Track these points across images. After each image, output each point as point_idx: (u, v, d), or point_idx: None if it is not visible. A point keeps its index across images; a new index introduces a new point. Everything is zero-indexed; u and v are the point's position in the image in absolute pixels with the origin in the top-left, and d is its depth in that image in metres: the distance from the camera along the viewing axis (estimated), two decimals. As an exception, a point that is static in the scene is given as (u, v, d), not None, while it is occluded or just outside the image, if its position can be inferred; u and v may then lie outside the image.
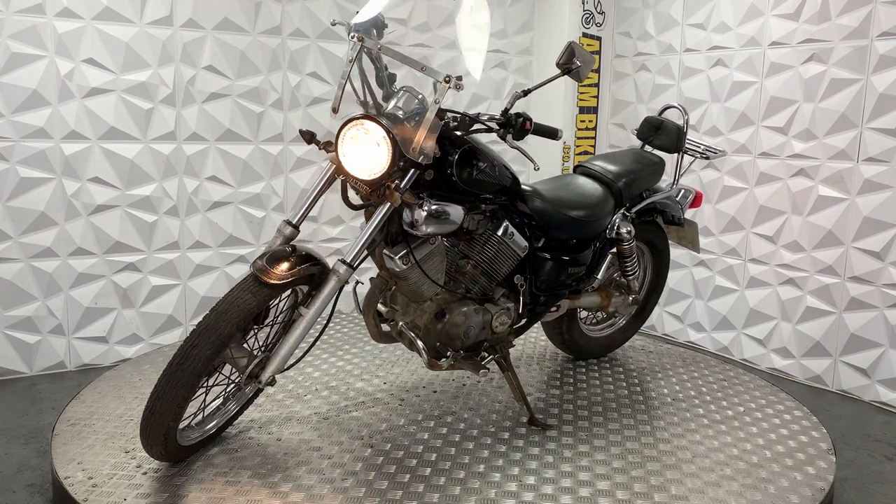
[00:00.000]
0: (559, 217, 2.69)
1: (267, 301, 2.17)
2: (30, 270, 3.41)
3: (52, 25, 3.30)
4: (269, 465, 2.32)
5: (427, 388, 2.97)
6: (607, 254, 2.96)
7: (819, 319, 3.59)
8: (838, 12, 3.40)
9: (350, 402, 2.83)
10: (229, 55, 3.71)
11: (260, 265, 2.15)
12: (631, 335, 3.50)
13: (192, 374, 2.07)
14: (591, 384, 3.09)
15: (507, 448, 2.46)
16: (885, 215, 3.32)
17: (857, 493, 2.65)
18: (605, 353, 3.44)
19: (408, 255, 2.27)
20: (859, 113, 3.37)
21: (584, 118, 4.57)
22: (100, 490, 2.16)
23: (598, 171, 2.99)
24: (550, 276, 2.75)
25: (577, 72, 2.40)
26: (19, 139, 3.31)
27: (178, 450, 2.27)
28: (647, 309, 3.45)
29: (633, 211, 3.02)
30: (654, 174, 3.10)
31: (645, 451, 2.50)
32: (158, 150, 3.61)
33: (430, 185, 2.29)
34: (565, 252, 2.80)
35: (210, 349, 2.06)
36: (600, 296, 3.10)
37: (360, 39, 2.22)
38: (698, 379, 3.17)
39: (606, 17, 4.53)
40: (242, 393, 2.54)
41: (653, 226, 3.25)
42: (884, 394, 3.38)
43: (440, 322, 2.45)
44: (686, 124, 3.12)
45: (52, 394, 3.27)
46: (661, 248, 3.35)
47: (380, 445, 2.47)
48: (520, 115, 2.27)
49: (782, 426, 2.74)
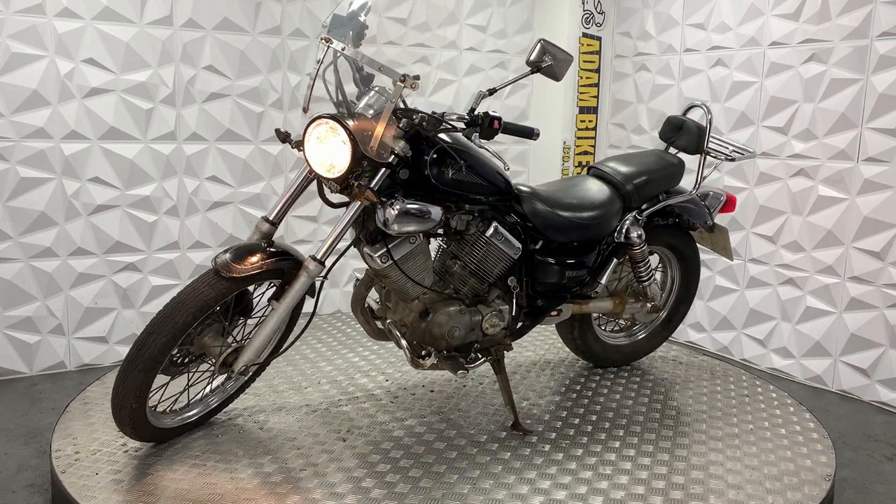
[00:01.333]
0: (555, 219, 2.66)
1: (226, 294, 2.25)
2: (30, 270, 3.41)
3: (52, 25, 3.30)
4: (240, 452, 2.39)
5: (426, 388, 2.98)
6: (612, 258, 2.87)
7: (819, 319, 3.59)
8: (838, 12, 3.40)
9: (345, 397, 2.86)
10: (229, 55, 3.71)
11: (221, 259, 2.24)
12: (657, 345, 3.36)
13: (148, 360, 2.17)
14: (597, 392, 3.06)
15: (477, 451, 2.46)
16: (885, 215, 3.32)
17: (857, 493, 2.65)
18: (626, 361, 3.32)
19: (386, 253, 2.31)
20: (859, 113, 3.37)
21: (584, 118, 4.57)
22: (79, 464, 2.30)
23: (608, 173, 2.91)
24: (547, 279, 2.72)
25: (551, 70, 2.33)
26: (19, 139, 3.31)
27: (151, 430, 2.36)
28: (676, 318, 3.33)
29: (644, 214, 2.92)
30: (671, 176, 2.98)
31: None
32: (158, 150, 3.61)
33: (407, 185, 2.32)
34: (566, 255, 2.76)
35: (165, 337, 2.16)
36: (613, 302, 3.01)
37: (326, 41, 2.28)
38: (719, 393, 3.05)
39: (606, 17, 4.53)
40: (223, 386, 2.62)
41: (678, 231, 3.12)
42: (884, 394, 3.38)
43: (424, 321, 2.47)
44: (709, 124, 2.98)
45: (52, 394, 3.27)
46: (689, 255, 3.21)
47: (352, 440, 2.51)
48: (487, 115, 2.25)
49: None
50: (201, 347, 2.36)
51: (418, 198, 2.33)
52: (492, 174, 2.49)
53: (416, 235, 2.36)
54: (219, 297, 2.23)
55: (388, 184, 2.27)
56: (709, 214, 3.08)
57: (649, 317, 3.17)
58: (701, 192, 3.10)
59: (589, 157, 4.64)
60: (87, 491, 2.16)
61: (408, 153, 2.23)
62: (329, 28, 2.31)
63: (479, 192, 2.47)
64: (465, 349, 2.59)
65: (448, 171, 2.35)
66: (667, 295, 3.29)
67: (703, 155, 3.01)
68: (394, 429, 2.60)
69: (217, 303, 2.24)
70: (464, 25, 4.34)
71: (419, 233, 2.35)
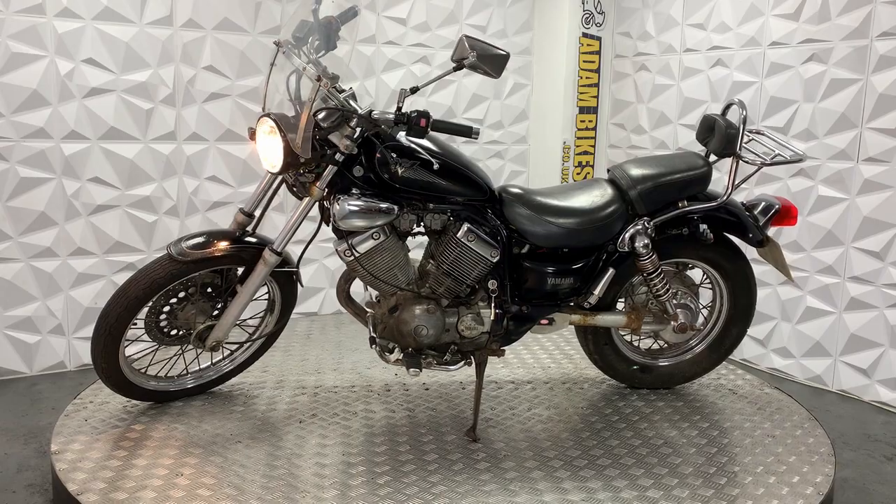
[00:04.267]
0: (536, 223, 2.58)
1: (177, 276, 2.50)
2: (30, 270, 3.41)
3: (52, 25, 3.30)
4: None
5: (422, 385, 2.98)
6: (609, 268, 2.69)
7: (819, 319, 3.59)
8: (838, 12, 3.40)
9: (342, 385, 2.92)
10: (229, 55, 3.71)
11: (175, 245, 2.51)
12: (703, 370, 3.02)
13: (107, 328, 2.48)
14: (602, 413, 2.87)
15: (407, 450, 2.47)
16: (885, 215, 3.32)
17: (857, 493, 2.65)
18: (663, 385, 3.02)
19: (349, 248, 2.41)
20: (859, 113, 3.37)
21: (584, 118, 4.57)
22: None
23: (617, 176, 2.72)
24: (530, 285, 2.64)
25: (478, 66, 2.24)
26: (19, 139, 3.31)
27: (126, 385, 2.63)
28: (728, 342, 2.98)
29: (653, 223, 2.66)
30: (690, 181, 2.69)
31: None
32: (158, 150, 3.61)
33: (371, 183, 2.41)
34: (554, 262, 2.66)
35: (120, 308, 2.48)
36: (628, 317, 2.79)
37: (277, 44, 2.48)
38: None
39: (606, 17, 4.53)
40: (219, 364, 2.87)
41: (720, 242, 2.80)
42: (884, 394, 3.38)
43: (391, 317, 2.53)
44: (743, 124, 2.66)
45: (52, 394, 3.27)
46: (732, 270, 2.87)
47: (309, 425, 2.62)
48: (414, 113, 2.25)
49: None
50: (185, 321, 2.63)
51: (378, 196, 2.41)
52: (460, 175, 2.49)
53: (380, 232, 2.42)
54: (168, 278, 2.49)
55: (346, 181, 2.40)
56: (755, 227, 2.77)
57: (679, 337, 2.88)
58: (751, 202, 2.85)
59: (589, 157, 4.65)
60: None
61: (352, 151, 2.34)
62: (295, 32, 2.49)
63: (442, 191, 2.48)
64: (442, 349, 2.59)
65: (400, 169, 2.39)
66: (716, 315, 2.99)
67: (734, 159, 2.69)
68: (350, 421, 2.63)
69: (168, 283, 2.50)
70: (464, 25, 4.34)
71: (373, 229, 2.41)
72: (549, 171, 4.60)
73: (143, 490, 2.17)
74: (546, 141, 4.61)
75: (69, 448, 2.41)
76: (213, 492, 2.17)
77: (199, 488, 2.19)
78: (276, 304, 2.82)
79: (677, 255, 2.81)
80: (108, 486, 2.19)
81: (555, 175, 4.56)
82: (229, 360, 2.88)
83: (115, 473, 2.26)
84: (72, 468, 2.28)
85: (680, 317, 2.80)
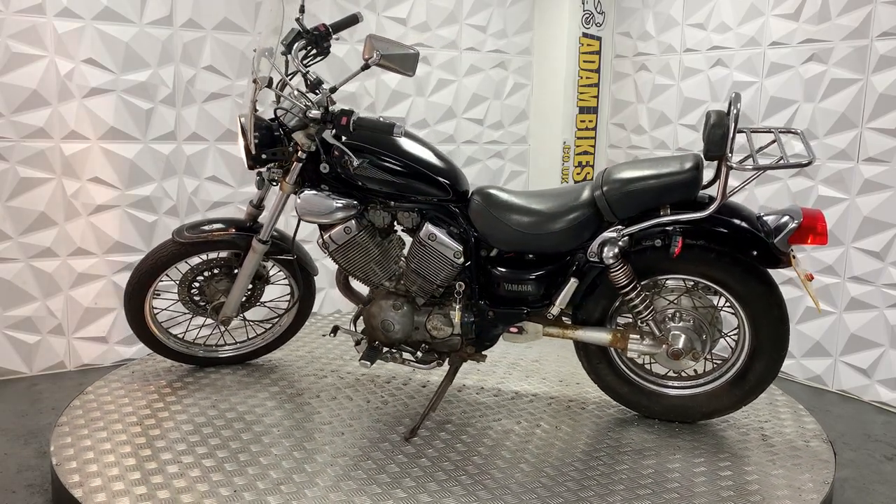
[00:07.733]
0: (494, 226, 2.51)
1: (179, 257, 2.85)
2: (30, 270, 3.41)
3: (52, 25, 3.30)
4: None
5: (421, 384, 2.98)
6: (571, 278, 2.50)
7: (819, 319, 3.59)
8: (838, 12, 3.40)
9: (348, 383, 2.85)
10: (229, 55, 3.71)
11: (178, 230, 2.85)
12: (724, 407, 2.63)
13: (127, 296, 2.91)
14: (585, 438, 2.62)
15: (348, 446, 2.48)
16: (885, 215, 3.32)
17: (857, 493, 2.65)
18: (675, 418, 2.68)
19: (325, 242, 2.56)
20: (859, 113, 3.37)
21: (584, 118, 4.57)
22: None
23: (596, 179, 2.51)
24: (495, 291, 2.59)
25: (387, 65, 2.30)
26: (19, 139, 3.31)
27: (151, 338, 2.99)
28: (752, 377, 2.56)
29: (623, 232, 2.41)
30: (669, 187, 2.39)
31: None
32: (158, 150, 3.61)
33: (335, 179, 2.54)
34: (517, 267, 2.57)
35: (135, 280, 2.88)
36: (613, 335, 2.54)
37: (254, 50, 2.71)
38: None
39: (606, 17, 4.53)
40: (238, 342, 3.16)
41: (721, 259, 2.45)
42: (884, 394, 3.38)
43: (364, 309, 2.66)
44: (734, 122, 2.29)
45: (52, 394, 3.27)
46: (746, 294, 2.48)
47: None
48: (338, 111, 2.36)
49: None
50: (212, 293, 2.98)
51: (340, 192, 2.53)
52: (419, 174, 2.52)
53: (352, 226, 2.52)
54: (172, 258, 2.85)
55: (315, 177, 2.56)
56: (756, 242, 2.41)
57: (675, 364, 2.56)
58: (768, 213, 2.50)
59: (589, 157, 4.65)
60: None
61: (310, 149, 2.51)
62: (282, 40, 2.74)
63: (400, 189, 2.54)
64: (414, 346, 2.66)
65: (351, 167, 2.47)
66: (740, 345, 2.60)
67: (721, 162, 2.35)
68: (318, 409, 2.61)
69: (171, 262, 2.85)
70: (464, 25, 4.34)
71: (345, 224, 2.51)
72: (549, 171, 4.60)
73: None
74: (546, 141, 4.61)
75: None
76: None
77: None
78: (294, 291, 3.10)
79: (663, 270, 2.50)
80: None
81: (555, 175, 4.56)
82: (261, 338, 3.18)
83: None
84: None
85: (672, 340, 2.50)
